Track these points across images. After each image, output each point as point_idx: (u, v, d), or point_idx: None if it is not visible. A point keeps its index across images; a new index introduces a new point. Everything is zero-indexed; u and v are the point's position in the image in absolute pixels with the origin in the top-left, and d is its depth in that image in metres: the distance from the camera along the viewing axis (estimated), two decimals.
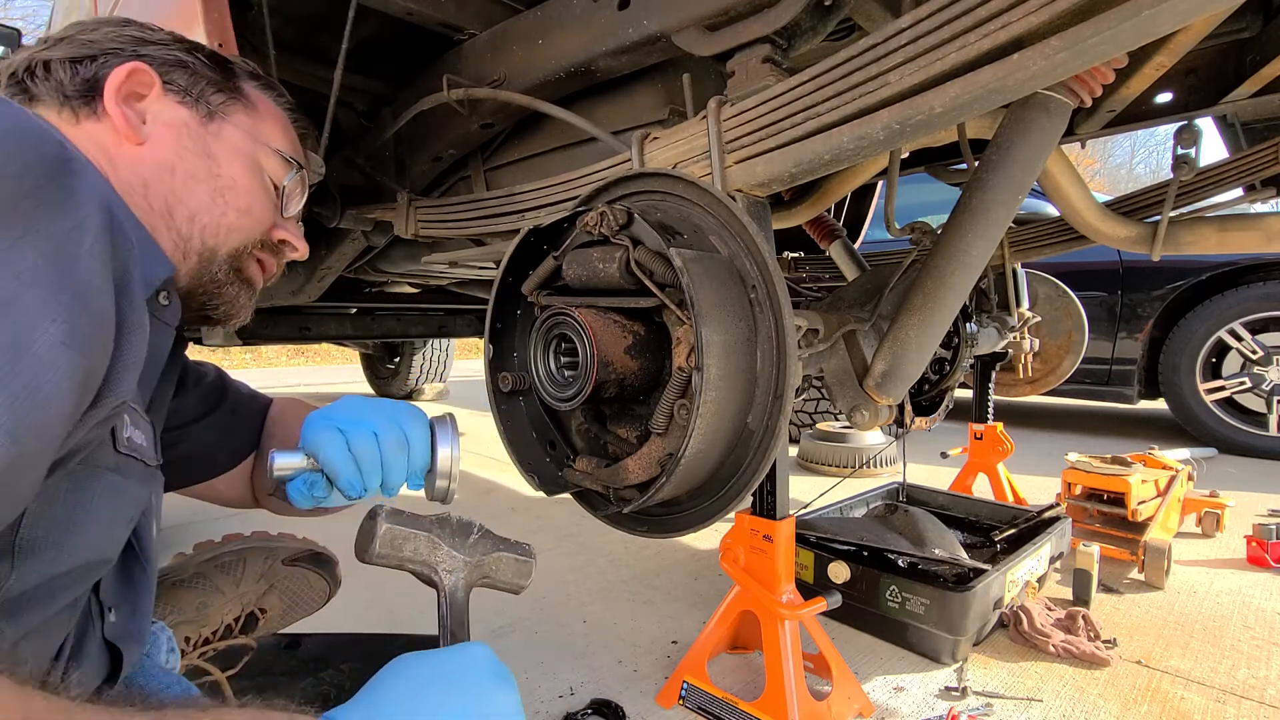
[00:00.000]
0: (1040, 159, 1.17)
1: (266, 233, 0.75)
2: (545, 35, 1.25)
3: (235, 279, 0.72)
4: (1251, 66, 1.43)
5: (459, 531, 0.66)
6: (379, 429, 0.72)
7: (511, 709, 0.56)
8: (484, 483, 2.91)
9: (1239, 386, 3.29)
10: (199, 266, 0.68)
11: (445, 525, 0.65)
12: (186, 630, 0.91)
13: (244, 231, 0.71)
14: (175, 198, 0.65)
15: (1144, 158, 24.88)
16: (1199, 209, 1.73)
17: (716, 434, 0.77)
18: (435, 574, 0.63)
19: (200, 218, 0.67)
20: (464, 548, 0.65)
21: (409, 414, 0.75)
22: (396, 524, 0.62)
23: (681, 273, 0.72)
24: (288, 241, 0.78)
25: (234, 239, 0.70)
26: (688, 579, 1.78)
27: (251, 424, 0.90)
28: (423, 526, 0.63)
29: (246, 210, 0.71)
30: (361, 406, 0.75)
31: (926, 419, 1.73)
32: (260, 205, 0.73)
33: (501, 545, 0.68)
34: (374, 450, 0.71)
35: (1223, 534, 2.09)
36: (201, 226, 0.67)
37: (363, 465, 0.70)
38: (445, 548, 0.63)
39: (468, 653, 0.58)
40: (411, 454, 0.73)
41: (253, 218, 0.72)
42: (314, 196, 1.74)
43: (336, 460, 0.69)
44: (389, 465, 0.71)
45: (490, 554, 0.66)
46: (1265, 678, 1.28)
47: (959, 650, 1.34)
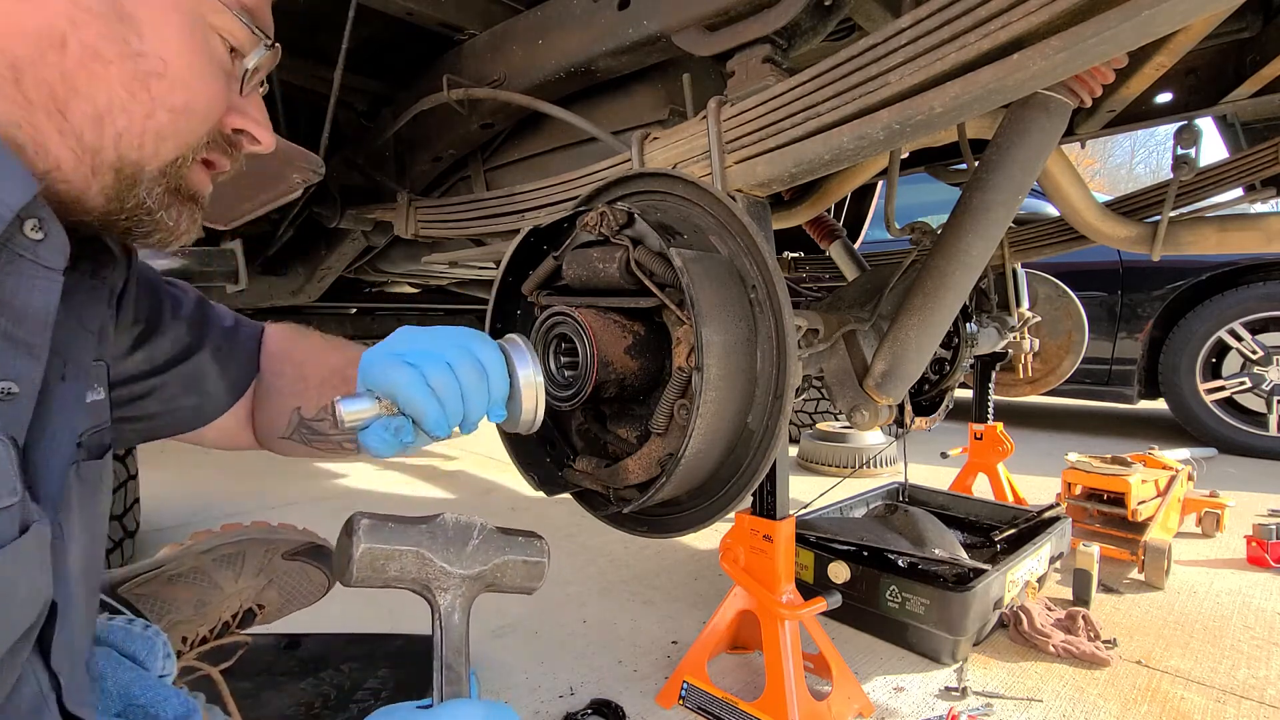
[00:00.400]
0: (1040, 159, 1.17)
1: (216, 124, 0.56)
2: (545, 35, 1.25)
3: (174, 200, 0.55)
4: (1251, 66, 1.43)
5: (455, 538, 0.56)
6: (452, 359, 0.62)
7: None
8: (484, 483, 2.91)
9: (1239, 386, 3.29)
10: (118, 188, 0.50)
11: (439, 533, 0.56)
12: (184, 630, 0.91)
13: (182, 136, 0.52)
14: (69, 87, 0.46)
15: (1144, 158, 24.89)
16: (1199, 209, 1.73)
17: (716, 434, 0.77)
18: (428, 593, 0.55)
19: (113, 120, 0.48)
20: (461, 559, 0.56)
21: (478, 338, 0.66)
22: (377, 542, 0.52)
23: (681, 273, 0.72)
24: (246, 131, 0.60)
25: (167, 149, 0.52)
26: (688, 579, 1.78)
27: (245, 358, 0.80)
28: (410, 540, 0.53)
29: (185, 108, 0.51)
30: (424, 336, 0.64)
31: (926, 419, 1.73)
32: (206, 95, 0.53)
33: (507, 548, 0.59)
34: (454, 383, 0.61)
35: (1223, 534, 2.09)
36: (116, 134, 0.48)
37: (445, 402, 0.61)
38: (438, 563, 0.54)
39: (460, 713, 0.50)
40: (491, 383, 0.64)
41: (195, 115, 0.52)
42: (314, 196, 1.74)
43: (421, 400, 0.59)
44: (469, 398, 0.62)
45: (493, 561, 0.58)
46: (1265, 678, 1.28)
47: (959, 650, 1.34)
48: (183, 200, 0.56)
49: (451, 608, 0.55)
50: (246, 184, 1.41)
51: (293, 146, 1.24)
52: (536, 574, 0.61)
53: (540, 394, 0.68)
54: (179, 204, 0.56)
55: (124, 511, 1.85)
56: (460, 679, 0.53)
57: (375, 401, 0.60)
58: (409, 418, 0.61)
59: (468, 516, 0.58)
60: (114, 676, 0.66)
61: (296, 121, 1.64)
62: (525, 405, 0.67)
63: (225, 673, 0.90)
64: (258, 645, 1.12)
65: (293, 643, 1.27)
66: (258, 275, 2.11)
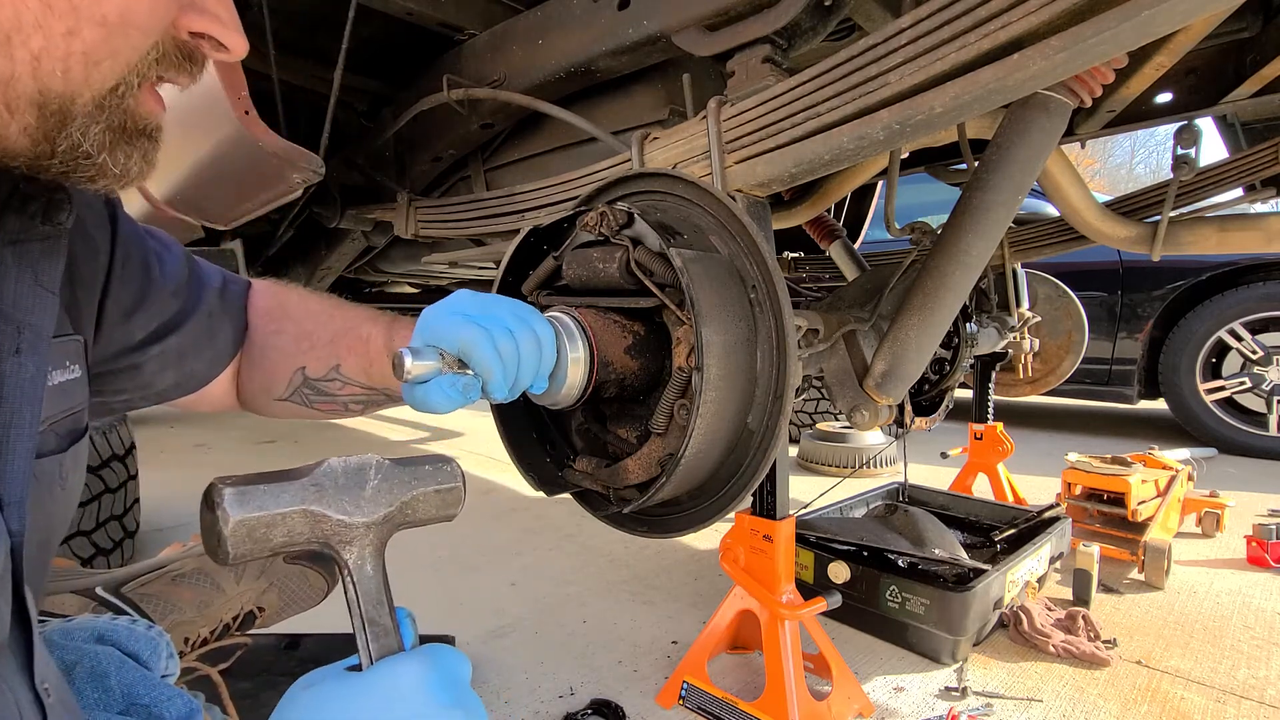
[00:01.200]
0: (1040, 159, 1.17)
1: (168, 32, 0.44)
2: (545, 35, 1.25)
3: (120, 139, 0.45)
4: (1251, 66, 1.43)
5: (348, 485, 0.48)
6: (513, 327, 0.63)
7: None
8: (484, 483, 2.91)
9: (1239, 386, 3.29)
10: (43, 127, 0.41)
11: (325, 483, 0.47)
12: (186, 630, 0.91)
13: (120, 55, 0.42)
14: None
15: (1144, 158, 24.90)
16: (1199, 209, 1.73)
17: (716, 434, 0.77)
18: (330, 550, 0.48)
19: (25, 41, 0.38)
20: (360, 506, 0.48)
21: (532, 311, 0.67)
22: (250, 511, 0.43)
23: (681, 273, 0.72)
24: (208, 36, 0.46)
25: (101, 74, 0.41)
26: (688, 579, 1.78)
27: (234, 321, 0.76)
28: (291, 499, 0.45)
29: (119, 18, 0.40)
30: (489, 302, 0.65)
31: (926, 419, 1.73)
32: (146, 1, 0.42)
33: (413, 480, 0.52)
34: (515, 350, 0.62)
35: (1223, 534, 2.08)
36: (31, 57, 0.38)
37: (507, 365, 0.61)
38: (333, 517, 0.47)
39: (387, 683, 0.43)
40: (543, 354, 0.66)
41: (134, 27, 0.41)
42: (314, 196, 1.74)
43: (490, 360, 0.60)
44: (524, 366, 0.63)
45: (399, 499, 0.51)
46: (1265, 678, 1.28)
47: (959, 650, 1.34)
48: (131, 137, 0.45)
49: (361, 559, 0.48)
50: (246, 184, 1.41)
51: (292, 146, 1.24)
52: (453, 500, 0.54)
53: (583, 370, 0.70)
54: (126, 143, 0.45)
55: (124, 511, 1.85)
56: (388, 632, 0.48)
57: (439, 358, 0.61)
58: (478, 377, 0.61)
59: (359, 457, 0.49)
60: (117, 675, 0.66)
61: (296, 121, 1.64)
62: (570, 379, 0.70)
63: (224, 673, 0.90)
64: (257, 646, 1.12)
65: (292, 643, 1.27)
66: (258, 275, 2.11)
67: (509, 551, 2.01)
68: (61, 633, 0.70)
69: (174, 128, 1.55)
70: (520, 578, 1.81)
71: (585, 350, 0.71)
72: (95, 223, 0.61)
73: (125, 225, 0.65)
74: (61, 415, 0.52)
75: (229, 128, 1.21)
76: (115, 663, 0.67)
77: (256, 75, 1.32)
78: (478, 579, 1.80)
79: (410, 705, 0.42)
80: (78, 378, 0.55)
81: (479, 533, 2.19)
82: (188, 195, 1.55)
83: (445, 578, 1.81)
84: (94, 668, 0.65)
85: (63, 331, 0.53)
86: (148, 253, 0.67)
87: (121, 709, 0.64)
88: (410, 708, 0.42)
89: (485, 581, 1.78)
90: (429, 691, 0.43)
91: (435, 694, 0.43)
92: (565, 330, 0.71)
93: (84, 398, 0.57)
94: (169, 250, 0.71)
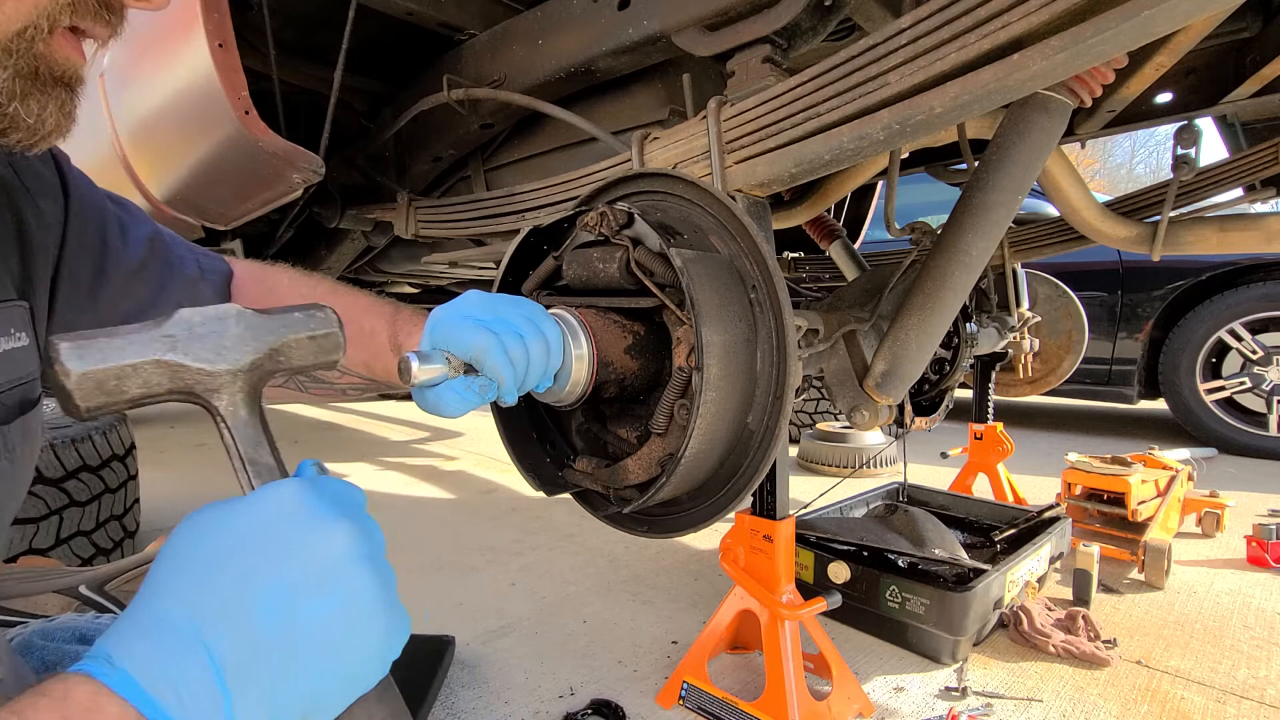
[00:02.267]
0: (1040, 159, 1.17)
1: None
2: (545, 35, 1.25)
3: (31, 88, 0.43)
4: (1251, 66, 1.43)
5: (207, 334, 0.44)
6: (524, 331, 0.65)
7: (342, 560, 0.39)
8: (484, 483, 2.91)
9: (1239, 386, 3.29)
10: None
11: (179, 332, 0.43)
12: None
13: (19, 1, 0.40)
14: None
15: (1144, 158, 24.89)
16: (1199, 209, 1.73)
17: (716, 434, 0.77)
18: (197, 399, 0.44)
19: None
20: (223, 354, 0.45)
21: (540, 312, 0.69)
22: (93, 364, 0.39)
23: (681, 273, 0.72)
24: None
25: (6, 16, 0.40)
26: (688, 579, 1.78)
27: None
28: (141, 349, 0.41)
29: None
30: (499, 304, 0.66)
31: (926, 419, 1.73)
32: None
33: (282, 327, 0.48)
34: (524, 354, 0.64)
35: (1223, 534, 2.08)
36: None
37: (518, 370, 0.63)
38: (193, 366, 0.43)
39: (268, 502, 0.40)
40: (550, 357, 0.67)
41: None
42: (314, 196, 1.74)
43: (502, 366, 0.61)
44: (532, 368, 0.65)
45: (267, 345, 0.47)
46: (1265, 678, 1.28)
47: (959, 650, 1.34)
48: (45, 86, 0.43)
49: (234, 405, 0.45)
50: (246, 184, 1.41)
51: (292, 146, 1.24)
52: (330, 345, 0.51)
53: (587, 365, 0.72)
54: (39, 91, 0.43)
55: (124, 511, 1.85)
56: (271, 469, 0.45)
57: (446, 362, 0.61)
58: (491, 384, 0.62)
59: (216, 306, 0.46)
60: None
61: (296, 121, 1.64)
62: (575, 377, 0.72)
63: None
64: None
65: None
66: None
67: (509, 551, 2.01)
68: (42, 634, 0.69)
69: (174, 127, 1.55)
70: (520, 578, 1.81)
71: (588, 346, 0.73)
72: (42, 190, 0.59)
73: (80, 192, 0.63)
74: (9, 385, 0.51)
75: (229, 128, 1.21)
76: None
77: (256, 75, 1.32)
78: (478, 579, 1.80)
79: (294, 519, 0.39)
80: (25, 345, 0.53)
81: (479, 533, 2.19)
82: (187, 195, 1.55)
83: (445, 578, 1.81)
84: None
85: (5, 297, 0.51)
86: (107, 221, 0.65)
87: None
88: (295, 522, 0.39)
89: (485, 581, 1.78)
90: (312, 505, 0.40)
91: (320, 508, 0.41)
92: (569, 328, 0.73)
93: (35, 367, 0.54)
94: (134, 221, 0.68)
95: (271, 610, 0.36)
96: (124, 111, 1.59)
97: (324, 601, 0.38)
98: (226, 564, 0.37)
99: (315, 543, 0.39)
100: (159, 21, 1.32)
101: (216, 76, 1.14)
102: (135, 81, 1.50)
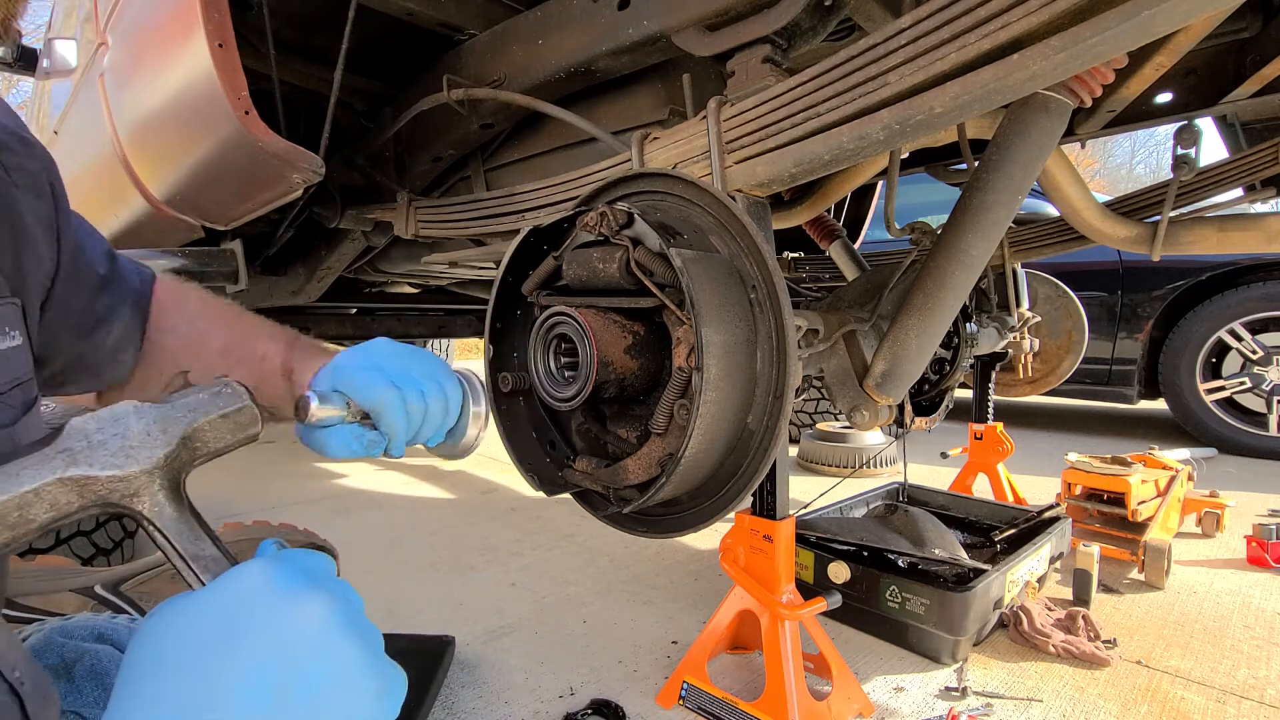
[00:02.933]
0: (1040, 159, 1.17)
1: None
2: (545, 35, 1.25)
3: None
4: (1251, 66, 1.43)
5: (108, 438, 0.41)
6: (426, 388, 0.66)
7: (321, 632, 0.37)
8: (484, 483, 2.91)
9: (1239, 386, 3.29)
10: None
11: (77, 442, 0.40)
12: None
13: None
14: None
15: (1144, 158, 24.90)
16: (1199, 209, 1.73)
17: (716, 434, 0.77)
18: (115, 509, 0.42)
19: None
20: (131, 456, 0.41)
21: (444, 370, 0.70)
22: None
23: (681, 273, 0.72)
24: None
25: None
26: (688, 579, 1.78)
27: (141, 320, 0.73)
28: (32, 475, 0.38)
29: None
30: (405, 358, 0.67)
31: (926, 419, 1.73)
32: None
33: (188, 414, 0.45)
34: (423, 410, 0.65)
35: (1223, 534, 2.08)
36: None
37: (413, 425, 0.64)
38: (100, 476, 0.40)
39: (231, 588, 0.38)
40: (448, 415, 0.69)
41: None
42: (314, 196, 1.74)
43: (400, 422, 0.62)
44: (428, 425, 0.66)
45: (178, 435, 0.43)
46: (1265, 678, 1.28)
47: (959, 650, 1.34)
48: None
49: (158, 505, 0.42)
50: (246, 184, 1.41)
51: (292, 147, 1.24)
52: (247, 420, 0.47)
53: (482, 423, 0.75)
54: None
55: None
56: (219, 560, 0.42)
57: (345, 406, 0.62)
58: (382, 437, 0.63)
59: (109, 408, 0.42)
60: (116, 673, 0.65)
61: (296, 121, 1.64)
62: (468, 435, 0.74)
63: None
64: None
65: None
66: (258, 275, 2.12)
67: (509, 551, 2.01)
68: (61, 631, 0.70)
69: (174, 128, 1.55)
70: (520, 578, 1.81)
71: (486, 405, 0.76)
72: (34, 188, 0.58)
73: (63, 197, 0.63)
74: (9, 385, 0.51)
75: (229, 128, 1.21)
76: (115, 661, 0.67)
77: (256, 75, 1.32)
78: (478, 579, 1.80)
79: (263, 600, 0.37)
80: (19, 345, 0.52)
81: (479, 533, 2.19)
82: (187, 195, 1.55)
83: (445, 578, 1.81)
84: (94, 666, 0.65)
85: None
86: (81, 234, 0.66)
87: None
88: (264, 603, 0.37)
89: (485, 581, 1.78)
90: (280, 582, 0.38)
91: (289, 582, 0.38)
92: (471, 388, 0.75)
93: (28, 367, 0.54)
94: (91, 236, 0.69)
95: (251, 701, 0.34)
96: (124, 111, 1.59)
97: (310, 680, 0.36)
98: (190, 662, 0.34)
99: (290, 622, 0.37)
100: (159, 21, 1.33)
101: (216, 76, 1.14)
102: (135, 82, 1.50)
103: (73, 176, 2.17)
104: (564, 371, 0.85)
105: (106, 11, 1.65)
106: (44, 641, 0.67)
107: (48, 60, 2.02)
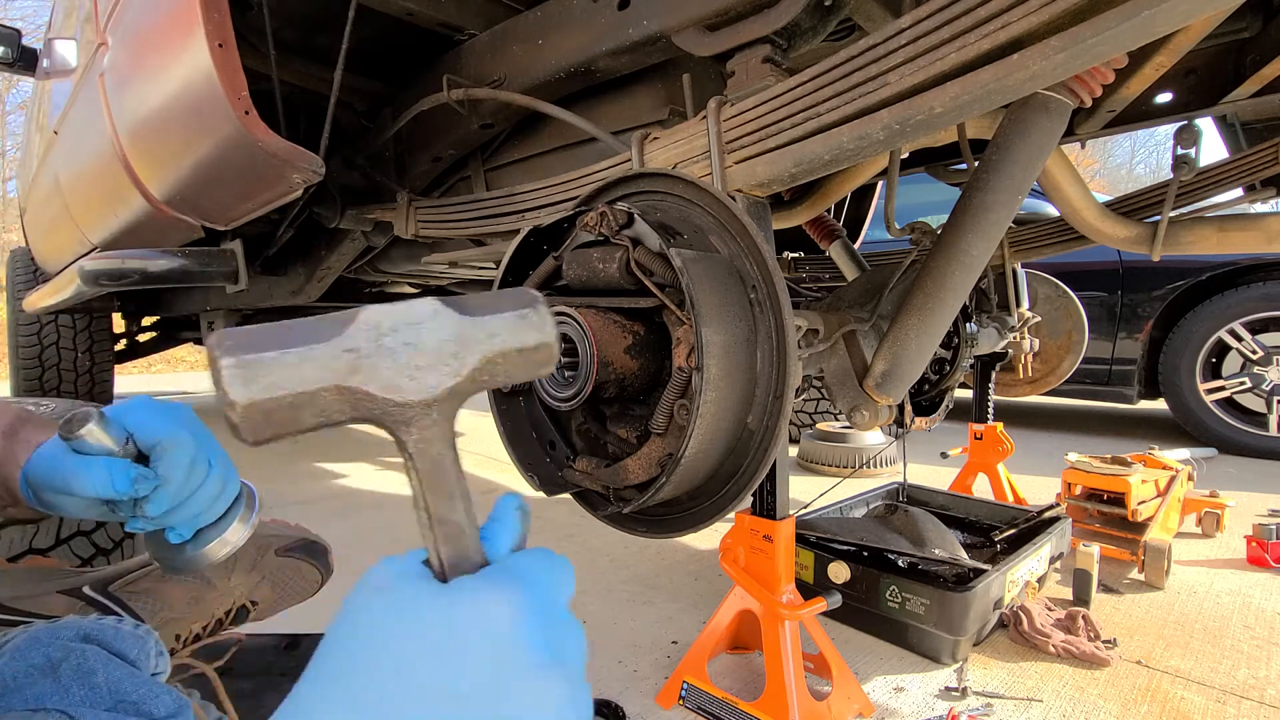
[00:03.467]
0: (1040, 159, 1.17)
1: None
2: (545, 35, 1.25)
3: None
4: (1251, 66, 1.43)
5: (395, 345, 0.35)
6: (215, 459, 0.59)
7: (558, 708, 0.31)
8: (485, 483, 2.91)
9: (1239, 386, 3.29)
10: None
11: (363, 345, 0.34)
12: (177, 628, 0.90)
13: None
14: None
15: (1144, 158, 24.92)
16: (1199, 209, 1.73)
17: (716, 434, 0.77)
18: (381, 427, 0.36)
19: None
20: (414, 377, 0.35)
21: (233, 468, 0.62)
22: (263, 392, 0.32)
23: (681, 273, 0.72)
24: None
25: None
26: (688, 579, 1.78)
27: None
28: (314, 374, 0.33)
29: None
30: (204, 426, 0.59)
31: (926, 419, 1.73)
32: None
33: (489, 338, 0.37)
34: (204, 475, 0.57)
35: (1223, 534, 2.08)
36: None
37: (190, 484, 0.56)
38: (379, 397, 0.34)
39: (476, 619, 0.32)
40: (218, 501, 0.60)
41: None
42: (314, 196, 1.74)
43: (179, 469, 0.54)
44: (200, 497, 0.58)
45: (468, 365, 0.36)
46: (1265, 678, 1.28)
47: (959, 650, 1.34)
48: None
49: (424, 443, 0.36)
50: (246, 184, 1.41)
51: (292, 147, 1.24)
52: (544, 358, 0.39)
53: (235, 547, 0.64)
54: None
55: None
56: (462, 532, 0.37)
57: (126, 437, 0.55)
58: (154, 477, 0.55)
59: (407, 304, 0.36)
60: (104, 673, 0.65)
61: (296, 121, 1.64)
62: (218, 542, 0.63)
63: (224, 673, 0.90)
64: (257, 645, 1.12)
65: (293, 643, 1.27)
66: (258, 275, 2.12)
67: None
68: (48, 632, 0.69)
69: (174, 128, 1.55)
70: None
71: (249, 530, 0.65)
72: None
73: None
74: None
75: (229, 128, 1.21)
76: (102, 660, 0.66)
77: (256, 75, 1.32)
78: None
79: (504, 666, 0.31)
80: None
81: None
82: (187, 195, 1.55)
83: None
84: (80, 665, 0.64)
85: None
86: None
87: (109, 706, 0.63)
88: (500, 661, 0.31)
89: None
90: (529, 655, 0.32)
91: (531, 644, 0.32)
92: (251, 498, 0.66)
93: None
94: None
95: None
96: (124, 111, 1.59)
97: None
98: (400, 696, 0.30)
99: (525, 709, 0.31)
100: (159, 21, 1.33)
101: (216, 76, 1.14)
102: (135, 82, 1.50)
103: (73, 177, 2.17)
104: (564, 371, 0.85)
105: (106, 11, 1.65)
106: (29, 640, 0.67)
107: (48, 60, 2.02)
